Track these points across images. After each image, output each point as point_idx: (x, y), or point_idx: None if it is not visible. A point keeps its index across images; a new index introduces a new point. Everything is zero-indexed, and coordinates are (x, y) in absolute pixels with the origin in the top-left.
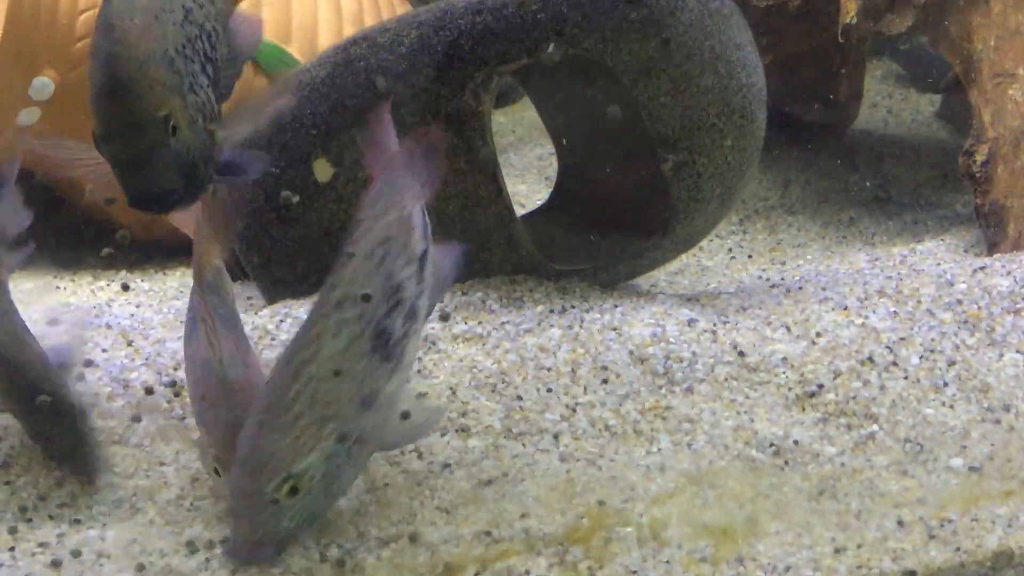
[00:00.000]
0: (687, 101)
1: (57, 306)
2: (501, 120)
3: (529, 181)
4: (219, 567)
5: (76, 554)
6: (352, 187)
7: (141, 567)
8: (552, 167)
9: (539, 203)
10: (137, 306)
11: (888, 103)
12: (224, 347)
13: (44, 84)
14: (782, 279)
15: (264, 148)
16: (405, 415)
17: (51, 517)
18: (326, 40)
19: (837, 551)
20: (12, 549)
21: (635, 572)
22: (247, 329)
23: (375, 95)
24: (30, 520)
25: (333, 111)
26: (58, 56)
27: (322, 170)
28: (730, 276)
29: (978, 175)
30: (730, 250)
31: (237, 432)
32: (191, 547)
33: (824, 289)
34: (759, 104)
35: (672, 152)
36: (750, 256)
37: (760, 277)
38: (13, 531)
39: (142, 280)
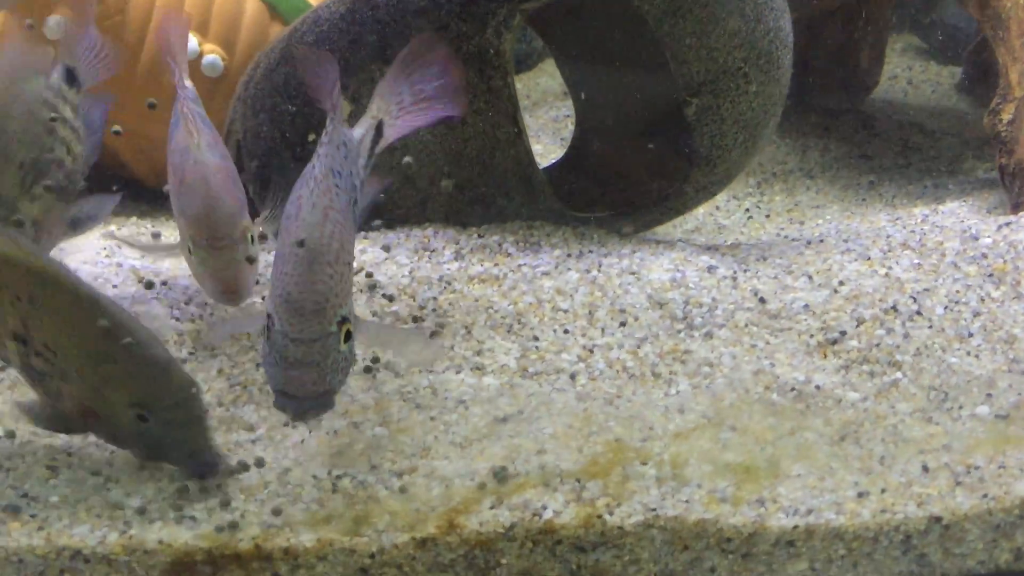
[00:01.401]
0: (712, 43)
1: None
2: (517, 85)
3: (544, 141)
4: None
5: None
6: None
7: None
8: (567, 128)
9: (554, 160)
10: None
11: (909, 75)
12: (203, 135)
13: (58, 23)
14: (801, 235)
15: (280, 84)
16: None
17: None
18: None
19: (860, 495)
20: None
21: (654, 510)
22: (261, 266)
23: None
24: None
25: (352, 47)
26: None
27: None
28: (748, 234)
29: (1004, 134)
30: (747, 210)
31: (212, 213)
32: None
33: (846, 241)
34: (785, 50)
35: (696, 96)
36: (768, 216)
37: (779, 234)
38: None
39: (152, 226)
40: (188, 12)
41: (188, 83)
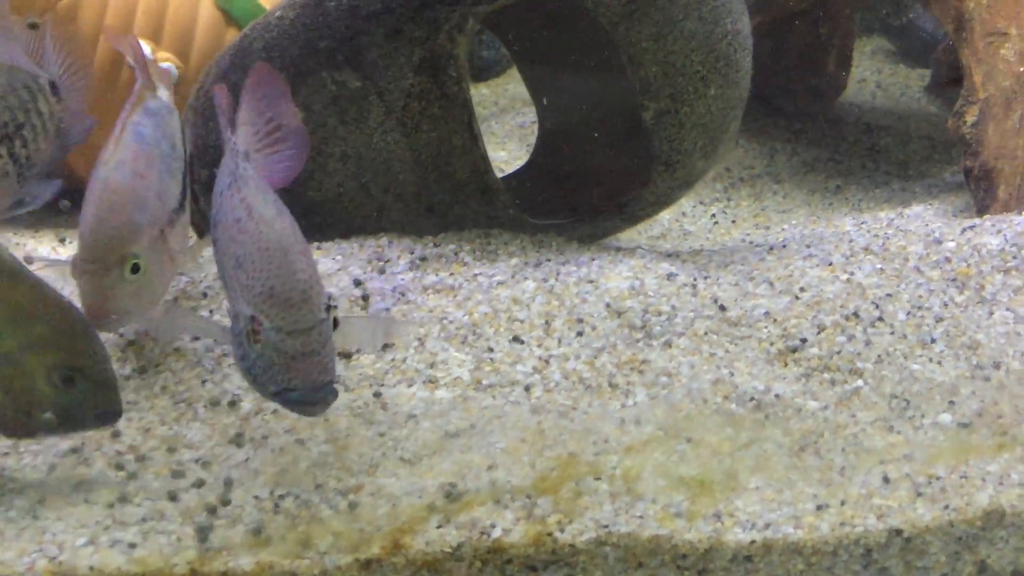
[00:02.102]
0: (670, 46)
1: None
2: (484, 92)
3: (510, 148)
4: None
5: None
6: (322, 134)
7: None
8: (533, 135)
9: (517, 168)
10: None
11: (877, 78)
12: (121, 151)
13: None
14: (765, 240)
15: (230, 91)
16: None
17: None
18: None
19: (819, 508)
20: None
21: (606, 526)
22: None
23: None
24: None
25: (302, 53)
26: (21, 4)
27: None
28: (713, 240)
29: (968, 136)
30: (713, 215)
31: (90, 234)
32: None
33: (808, 247)
34: (744, 52)
35: (654, 100)
36: (734, 221)
37: (744, 240)
38: None
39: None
40: (141, 19)
41: (164, 95)
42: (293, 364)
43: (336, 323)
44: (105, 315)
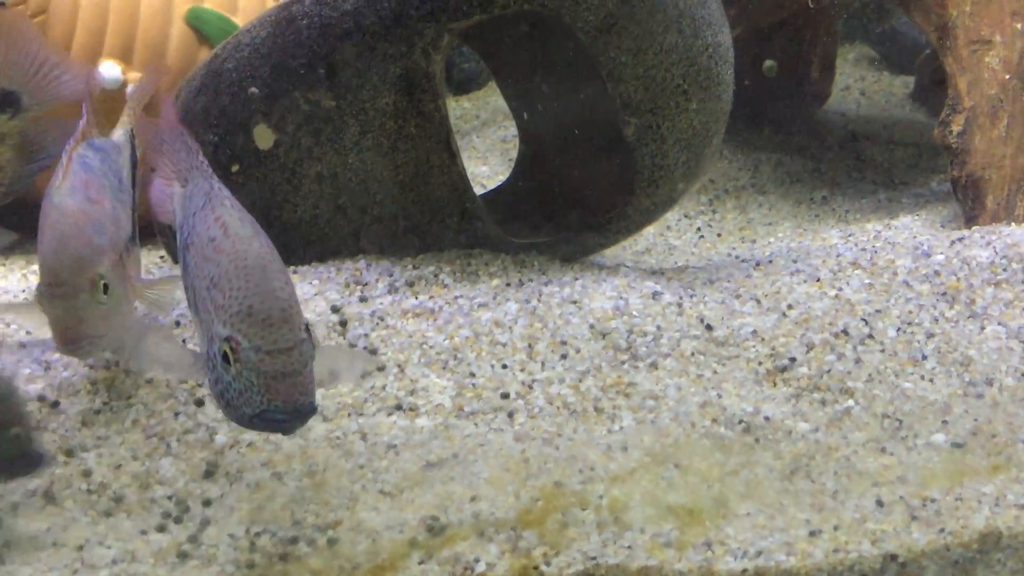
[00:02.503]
0: (650, 61)
1: None
2: (466, 106)
3: (492, 163)
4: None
5: None
6: (295, 154)
7: None
8: (515, 149)
9: (497, 184)
10: None
11: (861, 85)
12: (70, 178)
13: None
14: (751, 255)
15: (201, 113)
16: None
17: None
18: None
19: (812, 534)
20: None
21: (594, 558)
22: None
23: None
24: None
25: (274, 73)
26: None
27: (263, 137)
28: (699, 255)
29: (954, 146)
30: (699, 229)
31: (54, 258)
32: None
33: (795, 262)
34: (726, 65)
35: (635, 116)
36: (719, 235)
37: (730, 254)
38: None
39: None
40: (111, 38)
41: (120, 134)
42: (273, 384)
43: (314, 344)
44: (79, 339)
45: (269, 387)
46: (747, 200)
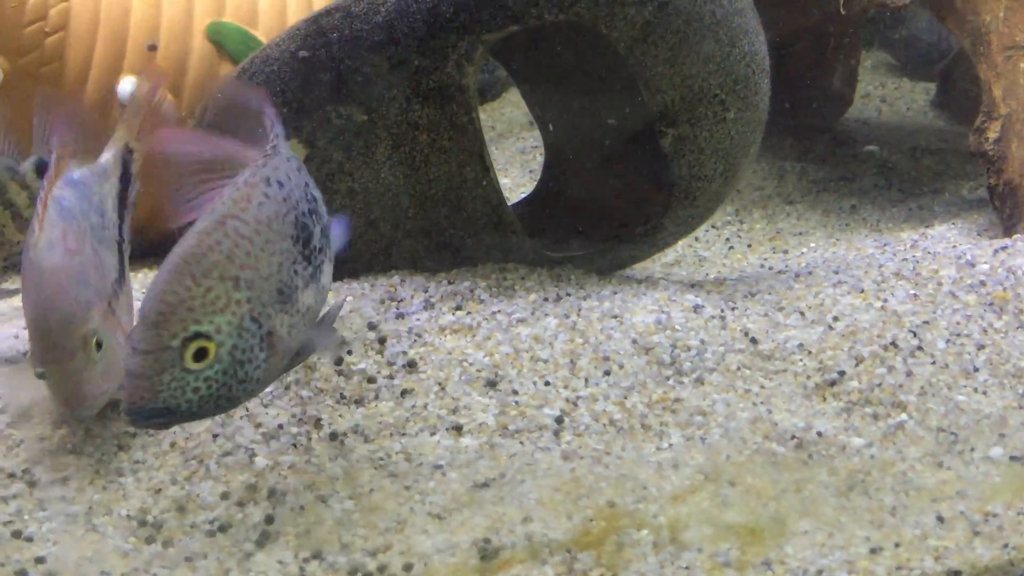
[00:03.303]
0: (687, 70)
1: None
2: (481, 116)
3: (512, 175)
4: None
5: None
6: (327, 169)
7: None
8: (535, 161)
9: (523, 195)
10: None
11: (881, 92)
12: (48, 230)
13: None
14: (787, 266)
15: (231, 128)
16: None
17: None
18: (295, 21)
19: (873, 551)
20: None
21: None
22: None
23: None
24: None
25: (305, 87)
26: (6, 43)
27: (294, 151)
28: (730, 266)
29: (991, 153)
30: (728, 240)
31: (41, 325)
32: None
33: (836, 272)
34: (763, 73)
35: (671, 126)
36: (749, 245)
37: (763, 265)
38: None
39: None
40: (131, 54)
41: (108, 156)
42: (126, 378)
43: (201, 355)
44: (82, 401)
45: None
46: (774, 210)
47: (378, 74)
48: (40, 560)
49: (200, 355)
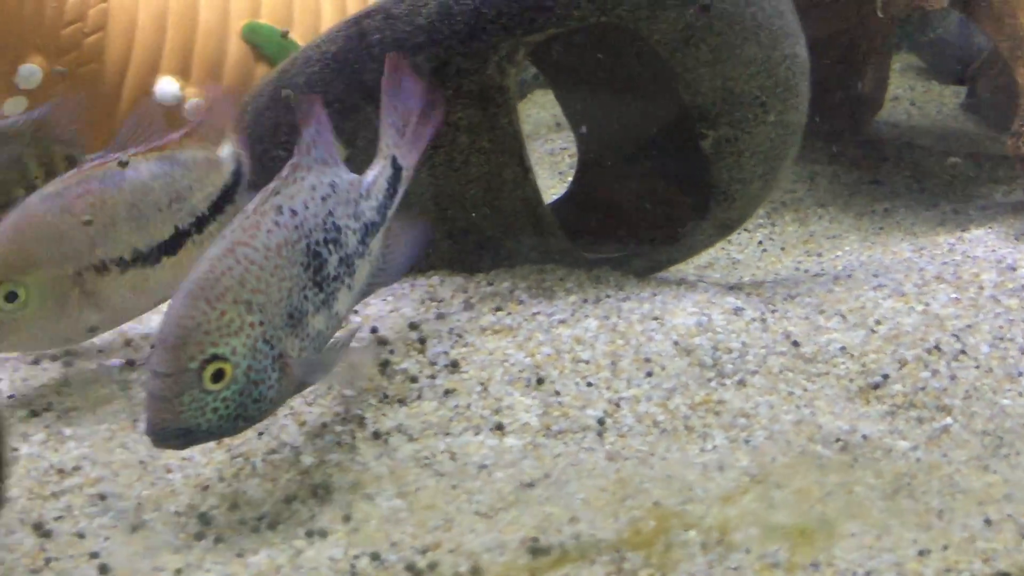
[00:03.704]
0: (728, 72)
1: None
2: None
3: (541, 176)
4: None
5: None
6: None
7: None
8: (564, 162)
9: (555, 197)
10: None
11: (911, 95)
12: (64, 184)
13: (31, 72)
14: (823, 269)
15: (270, 129)
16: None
17: None
18: (329, 24)
19: (921, 553)
20: None
21: None
22: None
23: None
24: None
25: (346, 88)
26: (46, 43)
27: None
28: (764, 268)
29: None
30: (760, 243)
31: None
32: None
33: (876, 276)
34: (803, 76)
35: (712, 128)
36: (783, 248)
37: (798, 268)
38: None
39: None
40: (169, 56)
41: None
42: (148, 401)
43: (219, 377)
44: None
45: (146, 402)
46: (806, 213)
47: (420, 75)
48: (94, 555)
49: (217, 376)
